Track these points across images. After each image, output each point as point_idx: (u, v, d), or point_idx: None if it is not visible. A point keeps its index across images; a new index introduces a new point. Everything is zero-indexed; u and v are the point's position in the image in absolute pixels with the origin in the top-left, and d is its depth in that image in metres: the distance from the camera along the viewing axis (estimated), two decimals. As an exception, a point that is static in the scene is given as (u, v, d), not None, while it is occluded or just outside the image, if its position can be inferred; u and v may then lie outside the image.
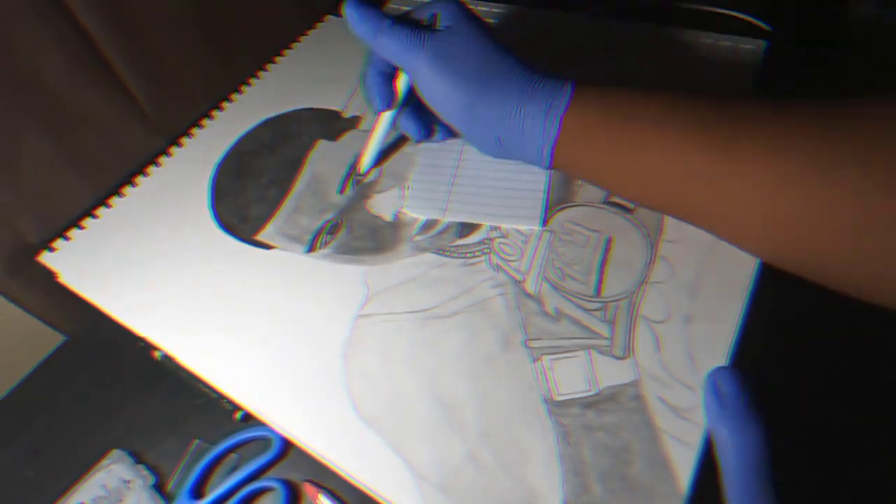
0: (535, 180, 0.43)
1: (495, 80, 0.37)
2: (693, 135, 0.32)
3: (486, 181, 0.44)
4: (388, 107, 0.43)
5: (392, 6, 0.67)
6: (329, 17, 0.62)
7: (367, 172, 0.46)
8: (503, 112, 0.37)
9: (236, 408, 0.41)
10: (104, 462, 0.40)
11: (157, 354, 0.41)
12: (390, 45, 0.39)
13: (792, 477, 0.28)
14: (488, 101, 0.37)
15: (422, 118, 0.44)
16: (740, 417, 0.29)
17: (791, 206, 0.30)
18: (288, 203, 0.45)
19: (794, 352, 0.40)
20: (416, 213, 0.43)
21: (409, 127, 0.45)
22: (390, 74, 0.42)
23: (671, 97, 0.34)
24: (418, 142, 0.46)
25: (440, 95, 0.39)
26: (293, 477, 0.39)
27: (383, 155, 0.47)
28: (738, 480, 0.28)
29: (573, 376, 0.34)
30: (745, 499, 0.28)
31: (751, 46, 0.54)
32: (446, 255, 0.41)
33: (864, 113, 0.29)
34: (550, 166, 0.38)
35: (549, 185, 0.43)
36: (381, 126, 0.44)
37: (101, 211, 0.47)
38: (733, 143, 0.31)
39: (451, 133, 0.46)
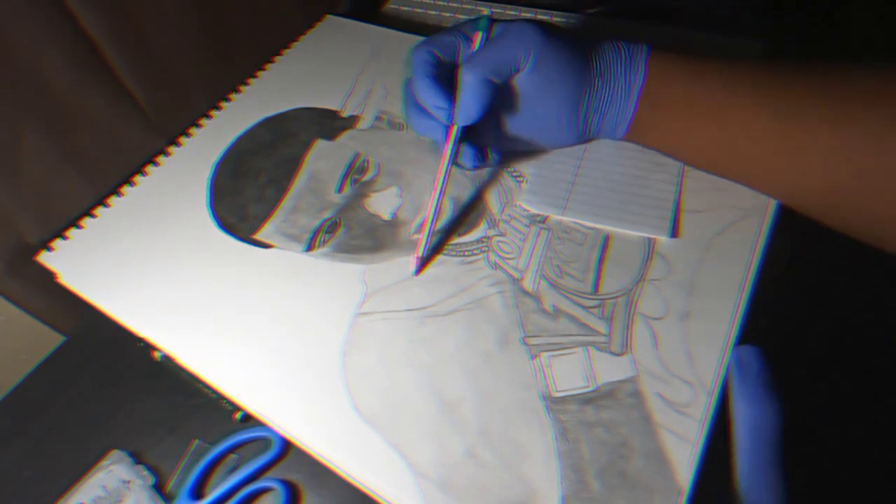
0: (663, 188, 0.41)
1: (591, 48, 0.39)
2: (763, 101, 0.36)
3: (611, 182, 0.42)
4: (458, 121, 0.39)
5: (392, 6, 0.67)
6: (328, 16, 0.62)
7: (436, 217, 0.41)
8: (596, 82, 0.39)
9: (236, 408, 0.41)
10: (104, 462, 0.40)
11: (156, 355, 0.41)
12: (482, 90, 0.37)
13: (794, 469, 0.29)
14: (590, 70, 0.39)
15: (475, 144, 0.41)
16: (760, 392, 0.31)
17: (847, 174, 0.34)
18: (286, 202, 0.45)
19: (794, 348, 0.40)
20: (533, 209, 0.42)
21: (466, 154, 0.41)
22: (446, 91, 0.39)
23: (742, 63, 0.38)
24: (473, 169, 0.43)
25: (548, 99, 0.39)
26: (293, 477, 0.39)
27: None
28: (750, 453, 0.30)
29: (571, 373, 0.34)
30: (754, 472, 0.29)
31: (750, 46, 0.54)
32: (444, 254, 0.41)
33: None
34: (626, 132, 0.41)
35: (679, 192, 0.41)
36: (448, 154, 0.39)
37: (99, 211, 0.47)
38: (801, 111, 0.35)
39: (502, 156, 0.43)
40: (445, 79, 0.39)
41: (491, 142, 0.42)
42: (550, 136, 0.42)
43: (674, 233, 0.39)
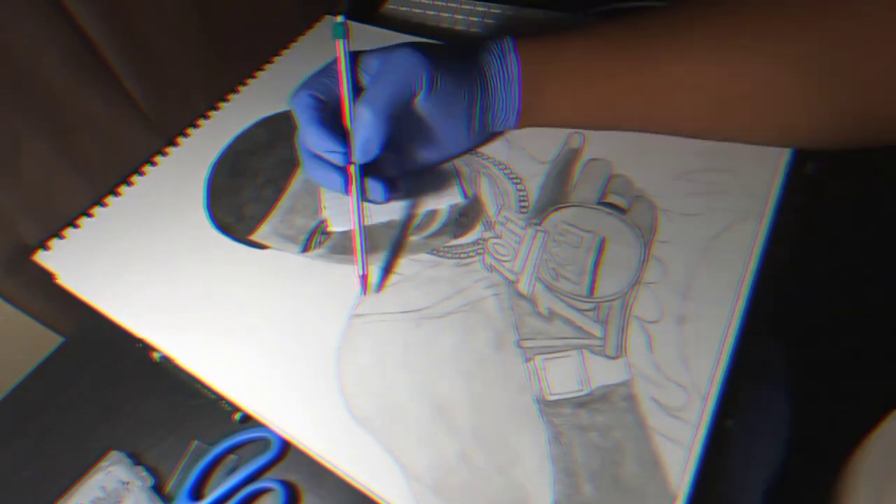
0: (443, 168, 0.45)
1: (466, 55, 0.41)
2: (619, 52, 0.40)
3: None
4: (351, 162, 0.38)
5: (390, 6, 0.67)
6: (327, 16, 0.62)
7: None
8: (480, 83, 0.41)
9: (235, 409, 0.41)
10: (103, 463, 0.41)
11: (155, 355, 0.41)
12: (381, 125, 0.37)
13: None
14: (472, 88, 0.41)
15: (379, 176, 0.39)
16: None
17: (709, 102, 0.39)
18: (283, 202, 0.45)
19: (792, 350, 0.40)
20: (345, 229, 0.43)
21: (375, 189, 0.39)
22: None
23: (601, 25, 0.42)
24: (386, 201, 0.40)
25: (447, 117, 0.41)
26: (292, 478, 0.39)
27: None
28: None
29: (566, 376, 0.34)
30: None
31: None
32: (440, 256, 0.41)
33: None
34: (518, 120, 0.44)
35: (453, 164, 0.45)
36: (356, 195, 0.38)
37: (97, 211, 0.48)
38: (653, 53, 0.39)
39: (409, 184, 0.44)
40: (332, 121, 0.38)
41: (395, 169, 0.42)
42: (455, 146, 0.44)
43: (465, 195, 0.43)
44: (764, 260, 0.37)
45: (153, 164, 0.50)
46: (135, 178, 0.49)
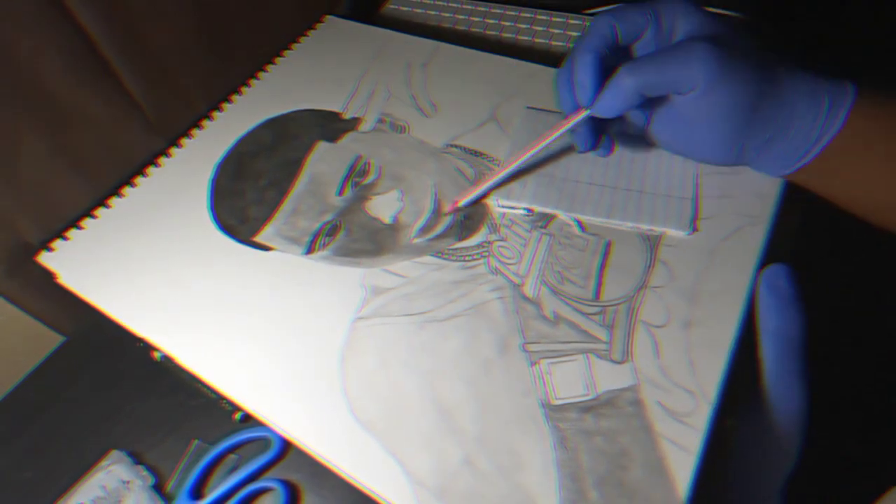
0: (680, 183, 0.41)
1: (779, 80, 0.35)
2: None
3: (618, 180, 0.42)
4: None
5: (391, 6, 0.67)
6: (328, 17, 0.62)
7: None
8: (780, 113, 0.35)
9: (235, 408, 0.41)
10: (103, 463, 0.40)
11: (156, 355, 0.41)
12: (628, 98, 0.35)
13: None
14: (770, 104, 0.35)
15: (595, 127, 0.40)
16: (787, 306, 0.32)
17: None
18: (287, 204, 0.45)
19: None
20: (539, 207, 0.42)
21: (584, 133, 0.40)
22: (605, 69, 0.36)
23: None
24: (582, 152, 0.41)
25: (715, 109, 0.35)
26: (293, 477, 0.39)
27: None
28: (776, 355, 0.32)
29: (571, 380, 0.34)
30: (780, 370, 0.32)
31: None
32: (445, 258, 0.41)
33: None
34: (797, 171, 0.37)
35: (696, 185, 0.41)
36: (564, 129, 0.39)
37: (100, 211, 0.47)
38: None
39: (610, 148, 0.43)
40: (610, 61, 0.36)
41: (618, 131, 0.41)
42: (696, 154, 0.39)
43: (693, 227, 0.39)
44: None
45: (156, 165, 0.50)
46: (138, 180, 0.49)
